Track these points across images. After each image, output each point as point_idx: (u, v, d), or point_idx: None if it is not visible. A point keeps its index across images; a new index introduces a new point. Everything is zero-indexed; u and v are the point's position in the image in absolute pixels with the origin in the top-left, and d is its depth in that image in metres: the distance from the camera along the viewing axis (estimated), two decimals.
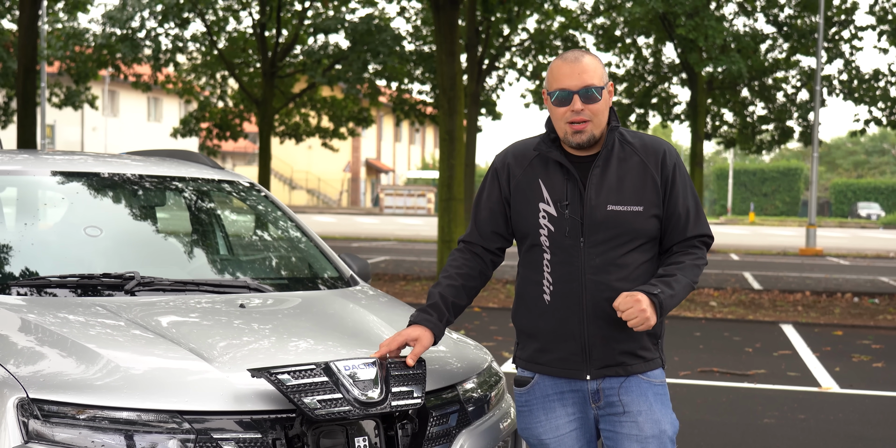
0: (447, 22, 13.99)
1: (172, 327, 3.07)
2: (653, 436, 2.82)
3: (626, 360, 2.83)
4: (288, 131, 23.91)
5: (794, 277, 17.81)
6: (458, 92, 14.11)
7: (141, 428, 2.57)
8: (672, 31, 18.60)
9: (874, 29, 18.09)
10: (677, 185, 2.85)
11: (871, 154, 73.34)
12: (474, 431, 3.06)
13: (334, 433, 2.72)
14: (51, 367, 2.76)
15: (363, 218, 45.33)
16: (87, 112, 42.29)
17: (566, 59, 2.78)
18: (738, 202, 61.38)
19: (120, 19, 18.12)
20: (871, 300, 13.50)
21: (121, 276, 3.47)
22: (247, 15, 20.52)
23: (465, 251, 3.00)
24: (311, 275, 4.15)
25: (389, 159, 64.96)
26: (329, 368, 2.68)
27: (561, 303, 2.82)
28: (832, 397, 7.12)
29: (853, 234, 40.21)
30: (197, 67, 22.89)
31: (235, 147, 53.07)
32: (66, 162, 4.21)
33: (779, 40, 20.55)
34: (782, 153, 72.68)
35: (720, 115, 22.88)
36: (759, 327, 10.82)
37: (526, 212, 2.86)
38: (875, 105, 19.24)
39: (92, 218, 3.93)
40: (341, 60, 19.64)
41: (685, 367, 8.11)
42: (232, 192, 4.48)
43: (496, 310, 11.61)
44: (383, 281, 14.74)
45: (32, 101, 15.41)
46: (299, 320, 3.41)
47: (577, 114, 2.75)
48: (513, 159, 2.93)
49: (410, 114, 21.85)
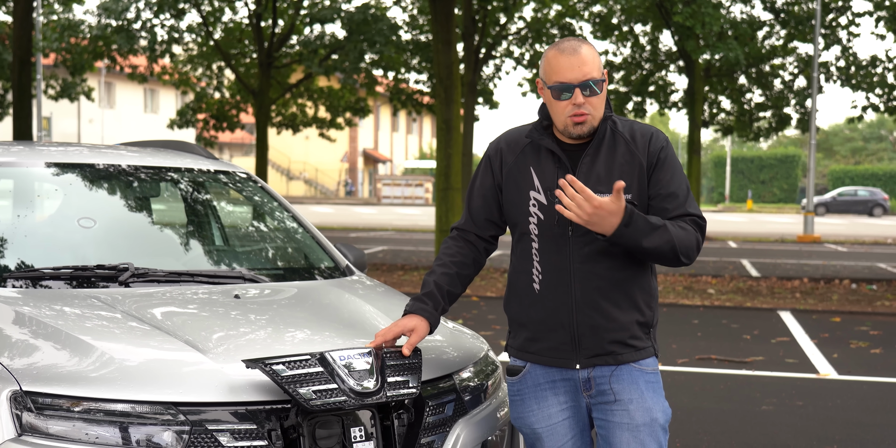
0: (443, 11, 13.95)
1: (167, 319, 3.06)
2: (644, 424, 2.81)
3: (615, 349, 2.82)
4: (285, 122, 23.87)
5: (791, 264, 17.82)
6: (454, 81, 14.08)
7: (136, 420, 2.56)
8: (669, 19, 18.56)
9: (871, 15, 18.07)
10: (663, 166, 2.79)
11: (869, 140, 73.30)
12: (471, 420, 3.05)
13: (330, 423, 2.71)
14: (45, 359, 2.75)
15: (361, 208, 45.31)
16: (84, 104, 42.19)
17: (564, 50, 2.74)
18: (735, 190, 61.38)
19: (115, 10, 18.06)
20: (869, 286, 13.51)
21: (115, 268, 3.45)
22: (242, 5, 20.46)
23: (458, 239, 2.99)
24: (306, 265, 4.13)
25: (387, 149, 64.90)
26: (324, 359, 2.68)
27: (550, 292, 2.81)
28: (830, 384, 7.13)
29: (851, 220, 40.23)
30: (193, 58, 22.83)
31: (232, 138, 53.02)
32: (60, 153, 4.20)
33: (776, 27, 20.52)
34: (780, 140, 72.69)
35: (717, 103, 22.86)
36: (756, 314, 10.82)
37: (517, 200, 2.85)
38: (872, 91, 19.23)
39: (87, 209, 3.92)
40: (338, 50, 19.58)
41: (683, 354, 8.12)
42: (227, 183, 4.47)
43: (494, 299, 11.61)
44: (381, 271, 14.74)
45: (28, 93, 15.38)
46: (295, 311, 3.40)
47: (579, 107, 2.73)
48: (505, 146, 2.92)
49: (407, 103, 21.81)
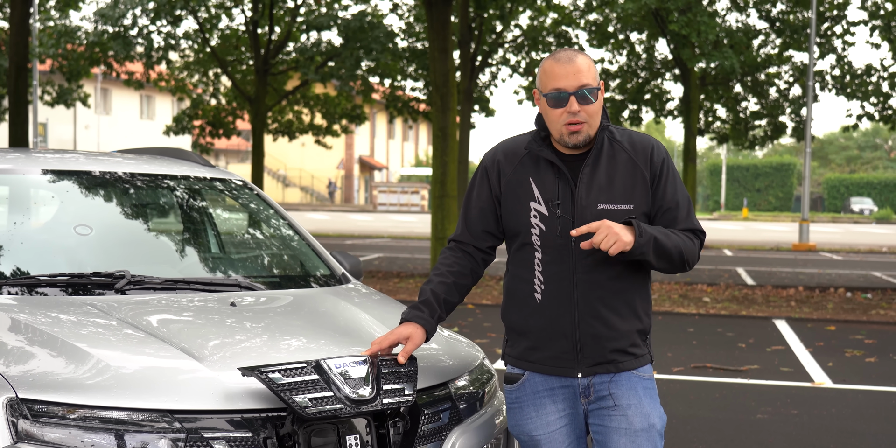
0: (440, 18, 13.98)
1: (163, 326, 3.05)
2: (642, 429, 2.83)
3: (616, 357, 2.84)
4: (281, 129, 23.89)
5: (787, 273, 17.84)
6: (450, 89, 14.10)
7: (131, 427, 2.56)
8: (665, 27, 18.62)
9: (866, 24, 18.14)
10: (666, 180, 2.84)
11: (864, 149, 73.46)
12: (466, 428, 3.05)
13: (325, 431, 2.71)
14: (41, 366, 2.74)
15: (357, 215, 45.30)
16: (80, 110, 42.15)
17: (560, 59, 2.77)
18: (731, 198, 61.46)
19: (112, 17, 18.06)
20: (864, 295, 13.53)
21: (111, 275, 3.45)
22: (239, 12, 20.48)
23: (456, 250, 2.99)
24: (302, 273, 4.14)
25: (383, 156, 64.91)
26: (320, 366, 2.68)
27: (552, 301, 2.82)
28: (825, 392, 7.13)
29: (846, 229, 40.29)
30: (189, 65, 22.84)
31: (228, 145, 52.99)
32: (56, 160, 4.20)
33: (771, 36, 20.58)
34: (775, 149, 72.84)
35: (713, 111, 22.91)
36: (752, 323, 10.83)
37: (517, 211, 2.86)
38: (867, 100, 19.27)
39: (83, 216, 3.92)
40: (334, 57, 19.60)
41: (678, 362, 8.12)
42: (223, 191, 4.47)
43: (489, 307, 11.61)
44: (377, 278, 14.73)
45: (24, 100, 15.37)
46: (290, 318, 3.40)
47: (574, 115, 2.75)
48: (503, 157, 2.92)
49: (403, 111, 21.84)
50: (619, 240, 2.64)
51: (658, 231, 2.75)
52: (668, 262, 2.78)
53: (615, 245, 2.64)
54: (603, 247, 2.65)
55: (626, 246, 2.66)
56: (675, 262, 2.79)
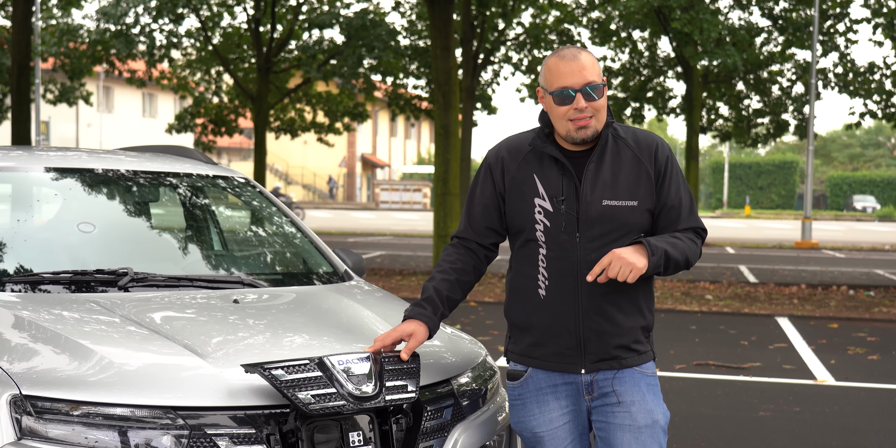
0: (442, 16, 13.97)
1: (166, 323, 3.06)
2: (646, 425, 2.83)
3: (620, 353, 2.85)
4: (283, 127, 23.88)
5: (789, 270, 17.84)
6: (453, 86, 14.10)
7: (135, 424, 2.56)
8: (667, 25, 18.59)
9: (869, 22, 18.09)
10: (671, 177, 2.86)
11: (867, 147, 73.41)
12: (469, 425, 3.06)
13: (328, 428, 2.72)
14: (44, 363, 2.75)
15: (359, 213, 45.31)
16: (82, 108, 42.20)
17: (564, 56, 2.78)
18: (733, 196, 61.42)
19: (114, 15, 18.05)
20: (867, 293, 13.52)
21: (114, 272, 3.46)
22: (241, 10, 20.47)
23: (458, 246, 2.99)
24: (305, 270, 4.14)
25: (385, 154, 64.91)
26: (323, 363, 2.68)
27: (556, 298, 2.82)
28: (827, 390, 7.13)
29: (849, 227, 40.26)
30: (192, 63, 22.84)
31: (231, 143, 53.01)
32: (59, 158, 4.21)
33: (774, 33, 20.55)
34: (778, 146, 72.75)
35: (715, 109, 22.87)
36: (754, 320, 10.83)
37: (521, 207, 2.86)
38: (870, 98, 19.24)
39: (86, 214, 3.93)
40: (336, 55, 19.59)
41: (681, 360, 8.12)
42: (226, 188, 4.48)
43: (492, 304, 11.61)
44: (379, 276, 14.74)
45: (26, 98, 15.39)
46: (293, 315, 3.40)
47: (581, 111, 2.76)
48: (507, 154, 2.92)
49: (406, 109, 21.82)
50: (634, 267, 2.68)
51: (666, 242, 2.77)
52: (676, 269, 2.83)
53: (631, 273, 2.68)
54: (619, 278, 2.69)
55: (642, 270, 2.70)
56: (681, 268, 2.85)
